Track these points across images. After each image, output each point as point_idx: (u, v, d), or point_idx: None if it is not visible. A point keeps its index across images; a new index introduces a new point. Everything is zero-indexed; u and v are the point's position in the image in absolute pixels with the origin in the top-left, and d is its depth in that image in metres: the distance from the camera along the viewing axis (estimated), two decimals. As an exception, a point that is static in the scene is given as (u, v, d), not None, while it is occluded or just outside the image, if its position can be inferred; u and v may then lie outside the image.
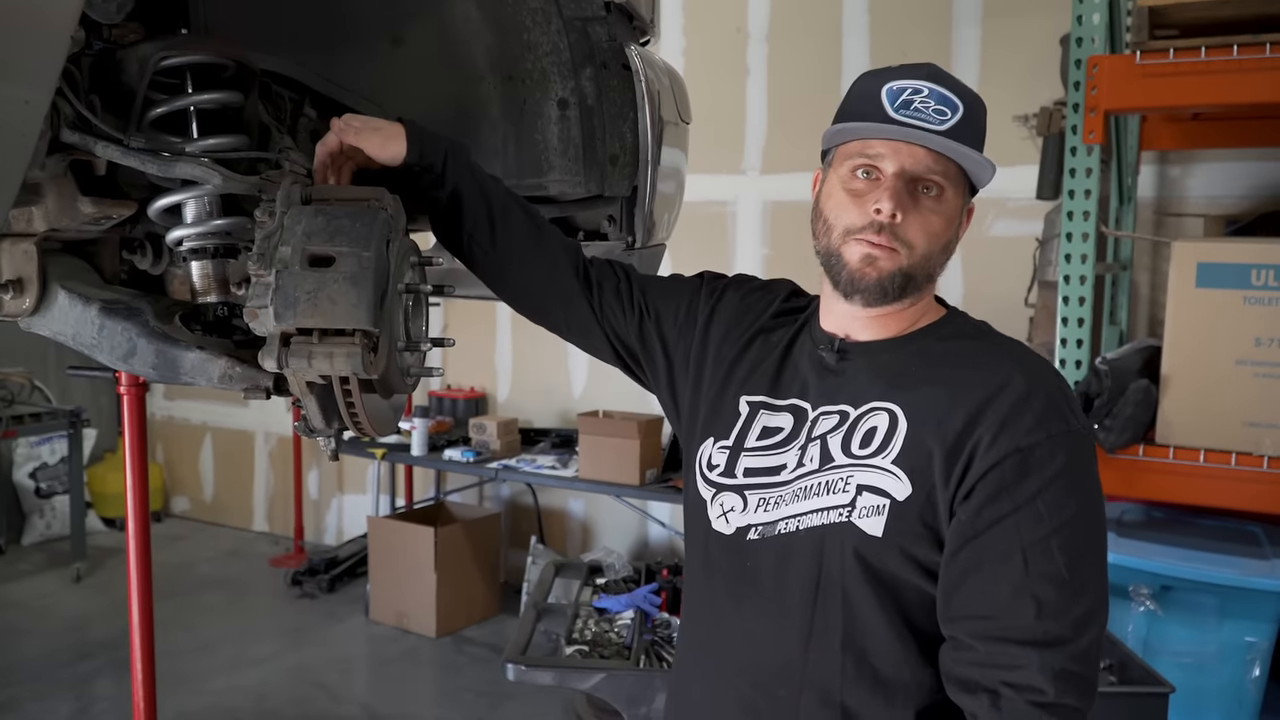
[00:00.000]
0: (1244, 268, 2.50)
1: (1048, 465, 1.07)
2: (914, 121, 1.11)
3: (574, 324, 1.41)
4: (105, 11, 1.22)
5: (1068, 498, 1.07)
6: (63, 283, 1.32)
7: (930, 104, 1.12)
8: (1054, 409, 1.09)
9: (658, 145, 1.63)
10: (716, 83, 4.49)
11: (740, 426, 1.24)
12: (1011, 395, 1.10)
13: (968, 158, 1.12)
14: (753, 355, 1.28)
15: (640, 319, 1.37)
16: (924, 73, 1.15)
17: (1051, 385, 1.13)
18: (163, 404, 6.52)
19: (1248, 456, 2.49)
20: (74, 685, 3.98)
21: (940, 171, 1.12)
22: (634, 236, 1.71)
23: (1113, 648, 2.08)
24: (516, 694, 3.88)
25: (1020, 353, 1.19)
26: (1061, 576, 1.06)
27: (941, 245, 1.15)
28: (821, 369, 1.22)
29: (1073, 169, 2.69)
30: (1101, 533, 1.11)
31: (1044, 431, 1.08)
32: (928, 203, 1.13)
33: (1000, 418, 1.09)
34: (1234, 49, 2.45)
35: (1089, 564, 1.08)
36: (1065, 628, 1.05)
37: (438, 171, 1.32)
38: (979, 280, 4.20)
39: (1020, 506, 1.07)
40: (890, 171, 1.12)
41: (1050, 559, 1.06)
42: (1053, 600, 1.05)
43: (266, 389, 1.28)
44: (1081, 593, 1.06)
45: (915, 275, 1.15)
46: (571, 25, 1.55)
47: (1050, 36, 3.81)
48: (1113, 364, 2.64)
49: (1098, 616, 1.08)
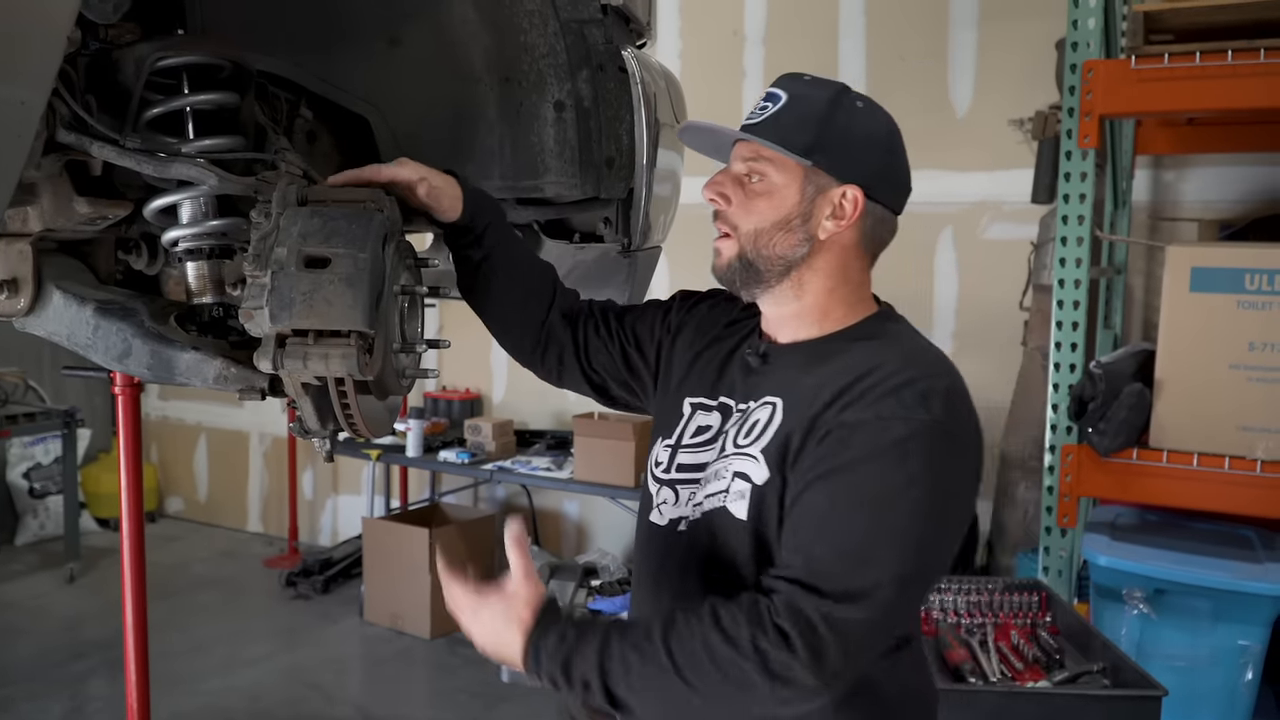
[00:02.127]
0: (1238, 272, 2.51)
1: (883, 439, 1.08)
2: (744, 122, 1.23)
3: (566, 377, 1.50)
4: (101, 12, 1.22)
5: (893, 476, 1.07)
6: (58, 283, 1.32)
7: (760, 104, 1.22)
8: (919, 397, 1.09)
9: (654, 148, 1.64)
10: (713, 85, 4.49)
11: (681, 426, 1.32)
12: (878, 377, 1.12)
13: (761, 143, 1.19)
14: (703, 360, 1.35)
15: (623, 349, 1.45)
16: (782, 78, 1.25)
17: (932, 379, 1.12)
18: (157, 404, 6.50)
19: (1241, 460, 2.50)
20: (68, 685, 3.97)
21: (754, 157, 1.21)
22: (630, 239, 1.71)
23: (1106, 650, 2.09)
24: (511, 695, 3.88)
25: (917, 349, 1.20)
26: (846, 547, 1.06)
27: (771, 223, 1.20)
28: (747, 369, 1.28)
29: (1067, 173, 2.70)
30: (922, 530, 1.07)
31: (895, 411, 1.09)
32: (754, 188, 1.22)
33: (858, 394, 1.11)
34: (1228, 54, 2.45)
35: (886, 549, 1.06)
36: (830, 585, 1.03)
37: (479, 232, 1.40)
38: (974, 284, 4.21)
39: (839, 469, 1.09)
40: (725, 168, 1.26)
41: (845, 527, 1.07)
42: (827, 562, 1.05)
43: (262, 390, 1.28)
44: (862, 568, 1.04)
45: (753, 259, 1.21)
46: (568, 27, 1.55)
47: (1046, 40, 3.82)
48: (1107, 367, 2.65)
49: (872, 604, 1.03)
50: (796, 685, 1.02)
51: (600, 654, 1.06)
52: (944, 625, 2.29)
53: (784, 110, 1.20)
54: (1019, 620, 2.32)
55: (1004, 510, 3.87)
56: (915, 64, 4.26)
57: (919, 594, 1.13)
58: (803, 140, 1.19)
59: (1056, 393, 2.77)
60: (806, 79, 1.24)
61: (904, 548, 1.07)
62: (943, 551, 1.13)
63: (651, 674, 1.05)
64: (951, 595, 2.37)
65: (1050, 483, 2.80)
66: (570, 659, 1.07)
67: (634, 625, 1.10)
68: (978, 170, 4.17)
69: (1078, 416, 2.67)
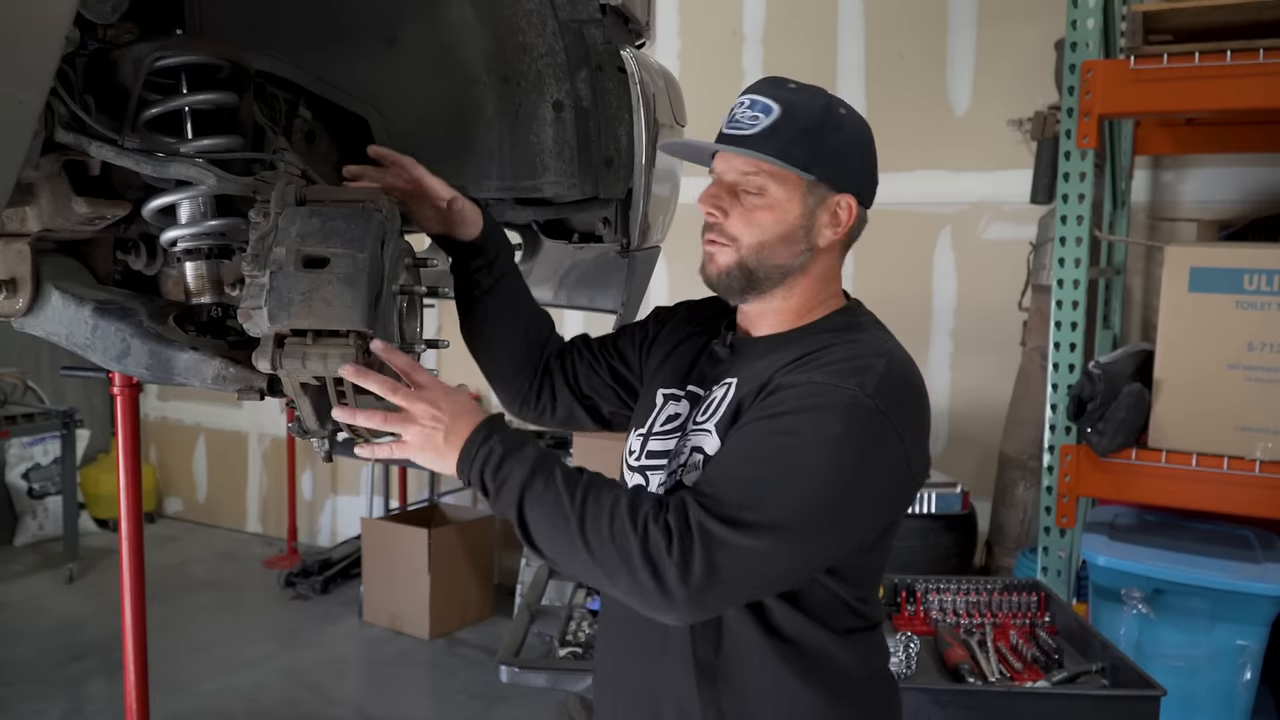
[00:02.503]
0: (1237, 272, 2.51)
1: (809, 399, 1.12)
2: (731, 131, 1.23)
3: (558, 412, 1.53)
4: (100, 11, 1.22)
5: (808, 433, 1.10)
6: (56, 283, 1.32)
7: (748, 113, 1.22)
8: (854, 371, 1.14)
9: (653, 148, 1.64)
10: (712, 85, 4.48)
11: (653, 416, 1.36)
12: (825, 354, 1.18)
13: (760, 159, 1.20)
14: (675, 356, 1.40)
15: (610, 367, 1.50)
16: (759, 85, 1.25)
17: (873, 359, 1.17)
18: (156, 405, 6.50)
19: (1240, 460, 2.50)
20: (66, 686, 3.97)
21: (753, 171, 1.22)
22: (629, 239, 1.71)
23: (1104, 650, 2.08)
24: (510, 696, 3.87)
25: (872, 339, 1.24)
26: (745, 481, 1.10)
27: (775, 235, 1.22)
28: (714, 359, 1.33)
29: (1066, 173, 2.70)
30: (821, 491, 1.10)
31: (828, 379, 1.14)
32: (752, 200, 1.22)
33: (802, 364, 1.17)
34: (1227, 54, 2.45)
35: (779, 495, 1.09)
36: (719, 509, 1.07)
37: (492, 257, 1.45)
38: (973, 284, 4.21)
39: (763, 418, 1.14)
40: (716, 178, 1.26)
41: (751, 465, 1.11)
42: (724, 488, 1.09)
43: (260, 390, 1.28)
44: (752, 504, 1.08)
45: (755, 267, 1.23)
46: (567, 27, 1.55)
47: (1045, 41, 3.83)
48: (1106, 368, 2.65)
49: (750, 538, 1.06)
50: (662, 579, 1.05)
51: (530, 473, 1.12)
52: (943, 625, 2.29)
53: (780, 122, 1.20)
54: (1018, 620, 2.32)
55: (1003, 510, 3.87)
56: (914, 63, 4.26)
57: (806, 551, 1.13)
58: (803, 154, 1.21)
59: (1055, 393, 2.77)
60: (792, 86, 1.25)
61: (798, 501, 1.10)
62: (844, 521, 1.14)
63: (558, 513, 1.10)
64: (950, 595, 2.37)
65: (1049, 483, 2.80)
66: (502, 464, 1.13)
67: (565, 469, 1.14)
68: (977, 170, 4.17)
69: (1076, 416, 2.67)
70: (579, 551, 1.09)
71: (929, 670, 2.09)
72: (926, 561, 3.51)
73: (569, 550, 1.10)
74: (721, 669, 1.22)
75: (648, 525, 1.06)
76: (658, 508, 1.08)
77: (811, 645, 1.21)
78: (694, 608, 1.08)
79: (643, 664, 1.29)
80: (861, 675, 1.26)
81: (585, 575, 1.13)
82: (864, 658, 1.27)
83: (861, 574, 1.25)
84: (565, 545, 1.10)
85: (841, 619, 1.24)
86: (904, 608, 2.37)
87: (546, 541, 1.12)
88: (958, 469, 4.05)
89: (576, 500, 1.09)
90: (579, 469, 1.15)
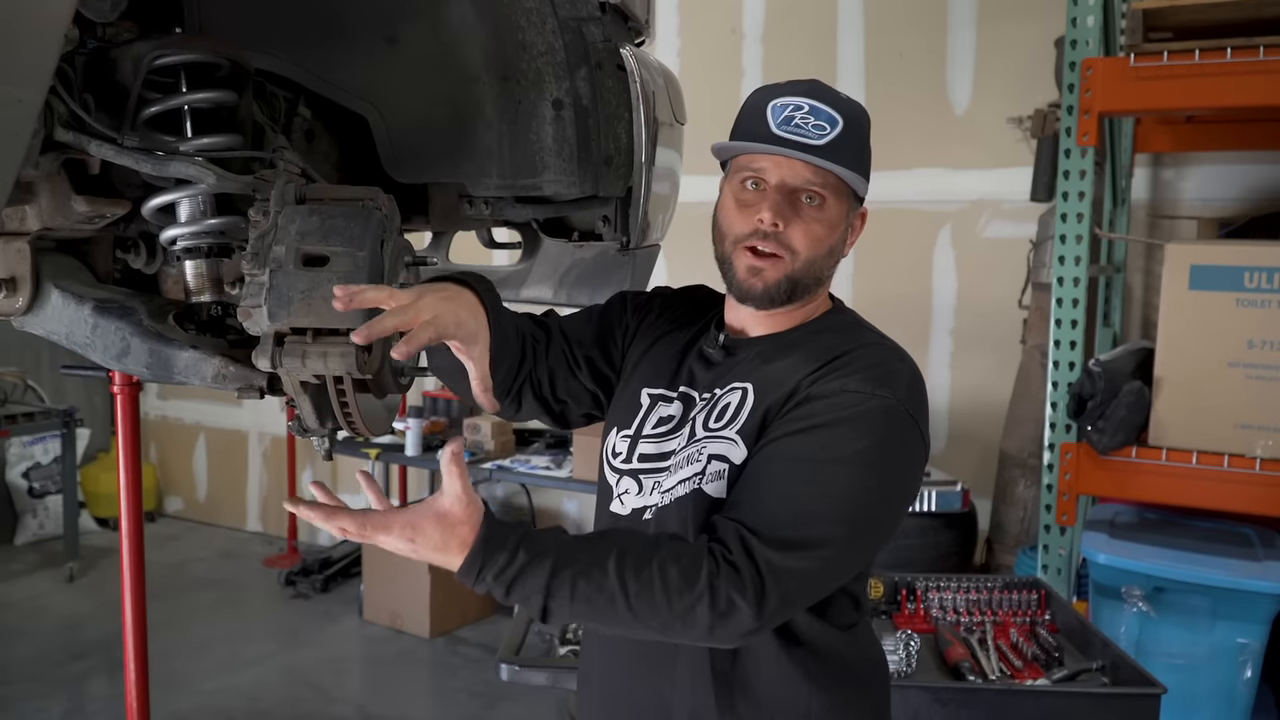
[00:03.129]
0: (1237, 270, 2.51)
1: (846, 409, 1.13)
2: (794, 137, 1.18)
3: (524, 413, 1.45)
4: (99, 10, 1.22)
5: (848, 444, 1.12)
6: (56, 282, 1.32)
7: (810, 120, 1.19)
8: (886, 377, 1.16)
9: (652, 146, 1.64)
10: (712, 83, 4.49)
11: (640, 416, 1.32)
12: (850, 358, 1.18)
13: (842, 173, 1.19)
14: (656, 352, 1.37)
15: (591, 371, 1.41)
16: (804, 89, 1.22)
17: (898, 364, 1.19)
18: (156, 404, 6.50)
19: (1240, 458, 2.50)
20: (67, 685, 3.97)
21: (820, 183, 1.19)
22: (629, 237, 1.71)
23: (1105, 648, 2.09)
24: (510, 694, 3.87)
25: (879, 337, 1.25)
26: (793, 501, 1.10)
27: (825, 250, 1.22)
28: (708, 362, 1.31)
29: (1066, 171, 2.70)
30: (866, 499, 1.12)
31: (862, 386, 1.14)
32: (810, 211, 1.20)
33: (831, 370, 1.17)
34: (1227, 52, 2.45)
35: (829, 510, 1.10)
36: (775, 533, 1.07)
37: None
38: (973, 282, 4.21)
39: (799, 431, 1.14)
40: (773, 183, 1.20)
41: (796, 483, 1.12)
42: (774, 512, 1.10)
43: (260, 389, 1.27)
44: (805, 523, 1.09)
45: (801, 280, 1.22)
46: (566, 26, 1.55)
47: (1045, 39, 3.82)
48: (1106, 365, 2.65)
49: (809, 558, 1.08)
50: (735, 622, 1.05)
51: (550, 578, 1.05)
52: (943, 623, 2.29)
53: (845, 135, 1.19)
54: (1018, 618, 2.32)
55: (1003, 508, 3.87)
56: (914, 61, 4.26)
57: (854, 559, 1.16)
58: (862, 169, 1.22)
59: (1055, 391, 2.77)
60: (845, 98, 1.23)
61: (846, 512, 1.11)
62: (884, 525, 1.18)
63: (599, 601, 1.06)
64: (951, 593, 2.37)
65: (1049, 481, 2.80)
66: (517, 580, 1.06)
67: (584, 549, 1.08)
68: (976, 168, 4.17)
69: (1077, 414, 2.67)
70: (629, 627, 1.09)
71: (929, 668, 2.09)
72: (927, 559, 3.51)
73: (617, 628, 1.11)
74: (738, 677, 1.22)
75: (713, 580, 1.05)
76: (711, 556, 1.06)
77: (824, 646, 1.22)
78: (768, 628, 1.11)
79: (649, 676, 1.27)
80: (863, 667, 1.28)
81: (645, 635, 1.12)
82: (862, 649, 1.29)
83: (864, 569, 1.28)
84: (614, 625, 1.10)
85: (846, 614, 1.25)
86: (904, 606, 2.37)
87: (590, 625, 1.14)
88: (958, 467, 4.05)
89: (613, 583, 1.05)
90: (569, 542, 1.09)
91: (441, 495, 1.07)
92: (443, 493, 1.07)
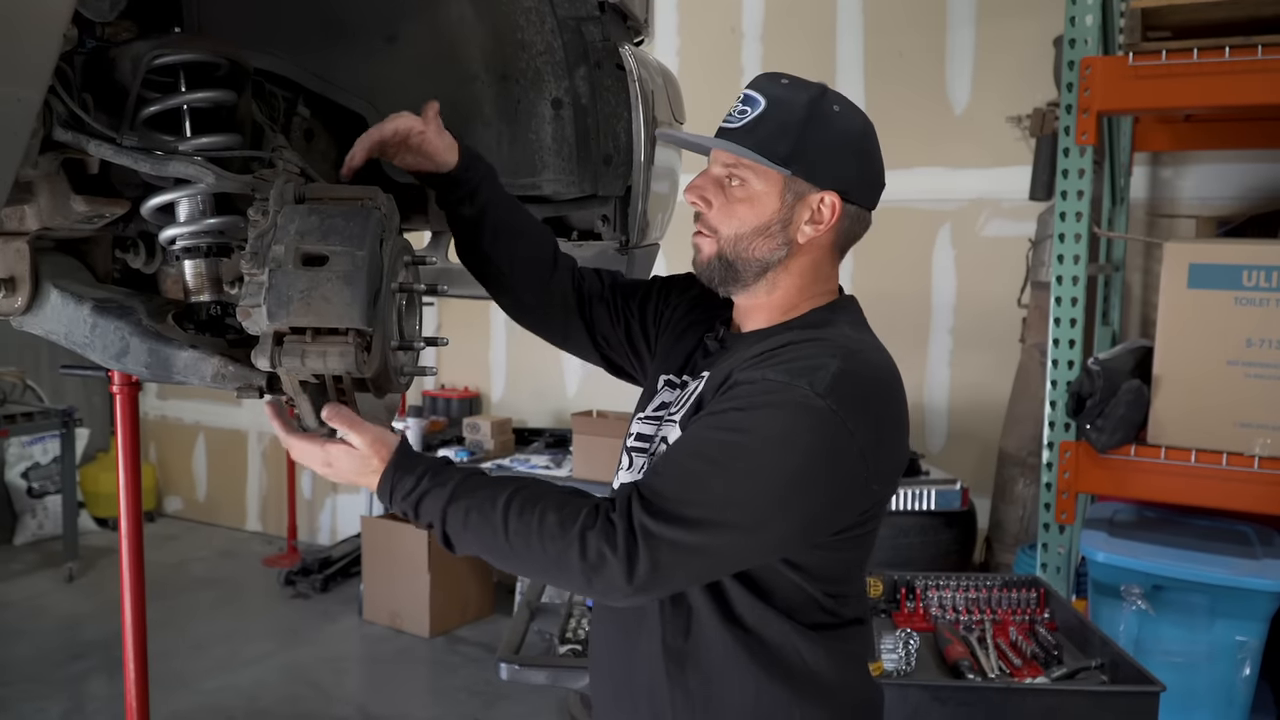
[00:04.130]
0: (1235, 269, 2.51)
1: (758, 397, 1.14)
2: (724, 124, 1.25)
3: (572, 338, 1.53)
4: (98, 9, 1.22)
5: (753, 431, 1.12)
6: (55, 281, 1.32)
7: (739, 106, 1.24)
8: (808, 371, 1.13)
9: (651, 145, 1.63)
10: (711, 83, 4.49)
11: (652, 400, 1.38)
12: (785, 352, 1.18)
13: (740, 151, 1.21)
14: (681, 342, 1.41)
15: (626, 324, 1.49)
16: (760, 78, 1.26)
17: (832, 360, 1.15)
18: (155, 403, 6.50)
19: (1239, 457, 2.50)
20: (67, 685, 3.97)
21: (733, 164, 1.24)
22: (628, 236, 1.71)
23: (1104, 647, 2.09)
24: (510, 693, 3.88)
25: (841, 336, 1.23)
26: (686, 478, 1.13)
27: (751, 227, 1.24)
28: (705, 352, 1.35)
29: (1065, 170, 2.70)
30: (764, 490, 1.12)
31: (780, 377, 1.13)
32: (735, 193, 1.25)
33: (760, 361, 1.18)
34: (1226, 51, 2.46)
35: (720, 493, 1.11)
36: (661, 505, 1.10)
37: (471, 188, 1.42)
38: (972, 281, 4.21)
39: (712, 413, 1.17)
40: (710, 171, 1.28)
41: (693, 461, 1.14)
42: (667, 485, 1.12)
43: (260, 388, 1.27)
44: (693, 500, 1.11)
45: (734, 259, 1.25)
46: (565, 25, 1.55)
47: (1044, 38, 3.83)
48: (1105, 364, 2.65)
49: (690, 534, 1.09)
50: (606, 576, 1.10)
51: (446, 504, 1.16)
52: (942, 622, 2.30)
53: (763, 116, 1.21)
54: (1017, 617, 2.32)
55: (1002, 507, 3.88)
56: (913, 60, 4.26)
57: (746, 547, 1.15)
58: (781, 149, 1.21)
59: (1055, 389, 2.78)
60: (784, 81, 1.25)
61: (737, 498, 1.12)
62: (785, 519, 1.14)
63: (485, 534, 1.15)
64: (950, 592, 2.37)
65: (1048, 479, 2.81)
66: (421, 501, 1.18)
67: (487, 485, 1.18)
68: (976, 167, 4.17)
69: (1076, 413, 2.67)
70: (514, 563, 1.18)
71: (928, 667, 2.09)
72: (926, 558, 3.52)
73: (505, 563, 1.18)
74: (690, 655, 1.24)
75: (584, 533, 1.10)
76: (591, 512, 1.12)
77: (775, 638, 1.21)
78: (639, 598, 1.14)
79: (623, 646, 1.32)
80: (833, 675, 1.23)
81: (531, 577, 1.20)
82: (835, 657, 1.24)
83: (829, 571, 1.23)
84: (502, 559, 1.17)
85: (808, 614, 1.22)
86: (903, 604, 2.37)
87: (483, 556, 1.19)
88: (957, 466, 4.05)
89: (499, 520, 1.14)
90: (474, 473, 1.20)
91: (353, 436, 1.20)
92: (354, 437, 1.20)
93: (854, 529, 1.21)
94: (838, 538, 1.20)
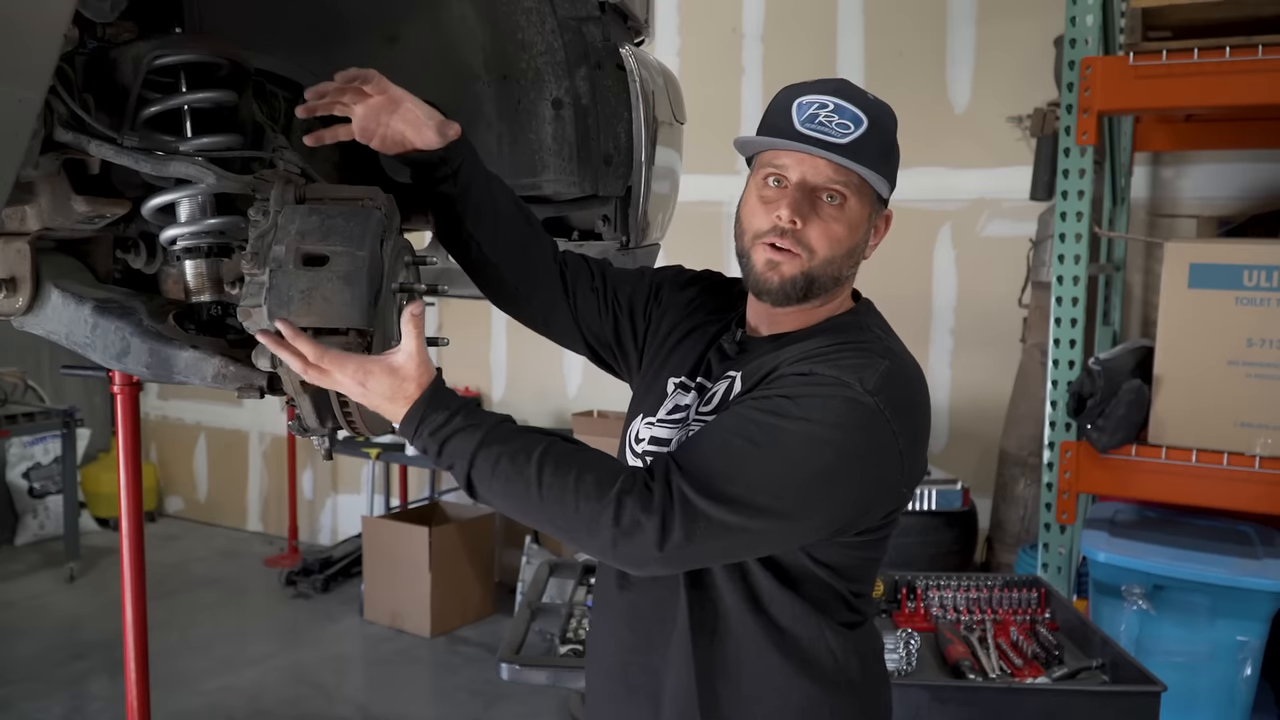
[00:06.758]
0: (1236, 268, 2.51)
1: (806, 388, 1.13)
2: (817, 134, 1.18)
3: (554, 323, 1.48)
4: (99, 10, 1.22)
5: (799, 419, 1.11)
6: (56, 281, 1.32)
7: (834, 118, 1.19)
8: (856, 369, 1.14)
9: (652, 145, 1.64)
10: (711, 83, 4.49)
11: (663, 404, 1.35)
12: (833, 350, 1.17)
13: (864, 172, 1.18)
14: (688, 343, 1.38)
15: (615, 317, 1.46)
16: (832, 88, 1.22)
17: (876, 359, 1.16)
18: (156, 404, 6.50)
19: (1239, 456, 2.50)
20: (68, 685, 3.97)
21: (841, 182, 1.19)
22: (628, 236, 1.71)
23: (1105, 647, 2.09)
24: (511, 693, 3.88)
25: (875, 339, 1.24)
26: (728, 455, 1.11)
27: (845, 250, 1.22)
28: (722, 355, 1.32)
29: (1066, 170, 2.70)
30: (805, 477, 1.11)
31: (828, 372, 1.14)
32: (830, 210, 1.20)
33: (805, 356, 1.18)
34: (1226, 51, 2.45)
35: (761, 475, 1.10)
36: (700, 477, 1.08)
37: (454, 167, 1.37)
38: (973, 281, 4.21)
39: (756, 398, 1.16)
40: (794, 181, 1.20)
41: (736, 441, 1.12)
42: (707, 459, 1.10)
43: (260, 388, 1.28)
44: (732, 478, 1.09)
45: (819, 278, 1.22)
46: (566, 25, 1.55)
47: (1045, 38, 3.83)
48: (1106, 364, 2.65)
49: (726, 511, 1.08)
50: (638, 542, 1.08)
51: (477, 448, 1.11)
52: (943, 621, 2.30)
53: (869, 135, 1.19)
54: (1018, 617, 2.32)
55: (1003, 506, 3.88)
56: (914, 60, 4.26)
57: (780, 532, 1.14)
58: (886, 170, 1.21)
59: (1055, 389, 2.77)
60: (872, 99, 1.23)
61: (777, 480, 1.10)
62: (821, 509, 1.14)
63: (516, 485, 1.10)
64: (951, 592, 2.37)
65: (1049, 479, 2.81)
66: (449, 441, 1.12)
67: (520, 434, 1.13)
68: (976, 167, 4.17)
69: (1076, 413, 2.67)
70: (541, 520, 1.12)
71: (929, 667, 2.09)
72: (927, 558, 3.51)
73: (530, 518, 1.14)
74: (720, 656, 1.23)
75: (621, 496, 1.07)
76: (630, 476, 1.09)
77: (807, 636, 1.22)
78: (661, 568, 1.12)
79: (639, 648, 1.30)
80: (858, 669, 1.26)
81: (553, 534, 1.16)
82: (860, 652, 1.27)
83: (854, 570, 1.25)
84: (528, 514, 1.13)
85: (837, 611, 1.25)
86: (904, 604, 2.37)
87: (505, 510, 1.15)
88: (958, 465, 4.05)
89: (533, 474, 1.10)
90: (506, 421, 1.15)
91: (398, 351, 1.13)
92: (399, 349, 1.13)
93: (877, 530, 1.23)
94: (861, 537, 1.21)
